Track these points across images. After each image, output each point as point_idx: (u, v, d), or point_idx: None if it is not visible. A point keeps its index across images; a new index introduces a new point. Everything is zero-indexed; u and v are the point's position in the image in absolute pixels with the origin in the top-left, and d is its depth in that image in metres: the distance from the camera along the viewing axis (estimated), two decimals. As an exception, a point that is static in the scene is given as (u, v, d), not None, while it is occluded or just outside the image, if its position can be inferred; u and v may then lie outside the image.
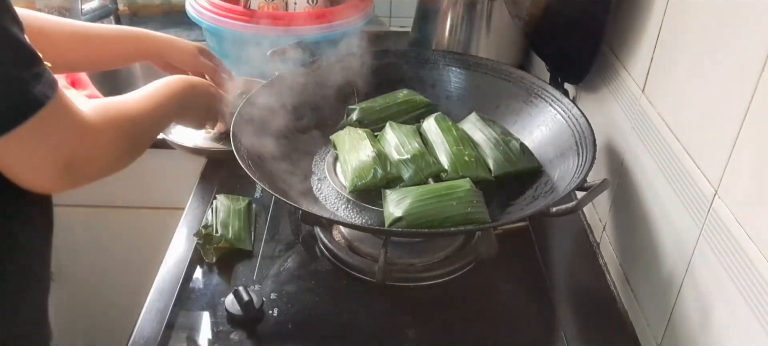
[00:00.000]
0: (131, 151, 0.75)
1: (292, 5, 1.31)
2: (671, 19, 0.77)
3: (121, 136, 0.71)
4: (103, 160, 0.69)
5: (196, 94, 0.92)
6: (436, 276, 0.86)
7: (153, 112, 0.81)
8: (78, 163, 0.65)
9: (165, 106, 0.84)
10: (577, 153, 0.84)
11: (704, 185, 0.67)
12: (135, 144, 0.76)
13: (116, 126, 0.71)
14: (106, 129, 0.68)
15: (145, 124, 0.78)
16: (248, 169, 0.78)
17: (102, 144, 0.68)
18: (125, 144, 0.72)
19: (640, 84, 0.84)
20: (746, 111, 0.59)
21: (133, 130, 0.74)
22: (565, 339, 0.79)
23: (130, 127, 0.74)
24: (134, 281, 1.09)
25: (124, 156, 0.73)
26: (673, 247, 0.74)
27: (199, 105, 0.93)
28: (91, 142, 0.66)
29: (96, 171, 0.69)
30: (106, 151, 0.69)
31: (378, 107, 1.00)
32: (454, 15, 1.32)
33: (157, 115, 0.82)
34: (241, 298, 0.77)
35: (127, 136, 0.73)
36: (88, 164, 0.67)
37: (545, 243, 0.95)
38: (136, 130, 0.75)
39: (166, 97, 0.84)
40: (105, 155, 0.69)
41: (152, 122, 0.81)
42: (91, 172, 0.68)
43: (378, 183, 0.84)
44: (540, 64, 1.15)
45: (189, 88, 0.91)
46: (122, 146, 0.72)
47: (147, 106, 0.80)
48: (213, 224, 0.92)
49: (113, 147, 0.70)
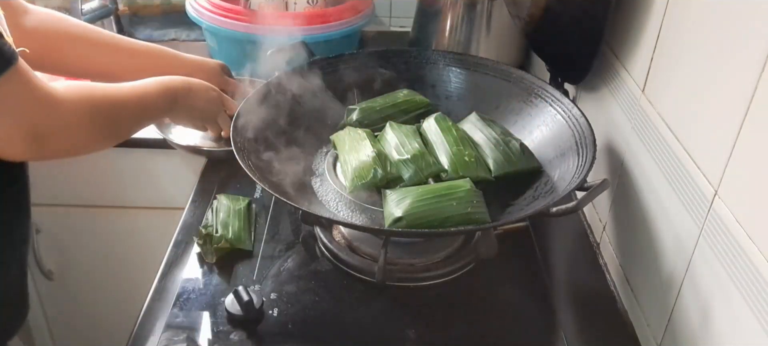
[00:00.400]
0: (107, 132, 0.79)
1: (292, 5, 1.31)
2: (671, 19, 0.77)
3: (94, 114, 0.74)
4: (72, 133, 0.72)
5: (193, 95, 0.93)
6: (436, 276, 0.86)
7: (137, 100, 0.83)
8: (45, 134, 0.69)
9: (153, 98, 0.86)
10: (577, 153, 0.84)
11: (704, 185, 0.67)
12: (112, 126, 0.79)
13: (87, 103, 0.74)
14: (74, 103, 0.72)
15: (126, 110, 0.81)
16: (248, 170, 0.78)
17: (69, 117, 0.71)
18: (99, 123, 0.76)
19: (640, 84, 0.84)
20: (746, 111, 0.59)
21: (109, 111, 0.78)
22: (565, 339, 0.79)
23: (106, 108, 0.77)
24: (134, 281, 1.09)
25: (99, 135, 0.77)
26: (673, 247, 0.74)
27: (195, 106, 0.94)
28: (56, 113, 0.70)
29: (66, 144, 0.73)
30: (74, 125, 0.72)
31: (378, 107, 1.00)
32: (454, 15, 1.32)
33: (141, 105, 0.84)
34: (241, 298, 0.77)
35: (101, 116, 0.76)
36: (56, 136, 0.71)
37: (545, 243, 0.95)
38: (113, 112, 0.79)
39: (157, 91, 0.87)
40: (74, 129, 0.72)
41: (135, 110, 0.83)
42: (61, 144, 0.72)
43: (378, 183, 0.84)
44: (540, 64, 1.15)
45: (185, 88, 0.92)
46: (96, 124, 0.75)
47: (130, 94, 0.82)
48: (213, 224, 0.92)
49: (84, 122, 0.73)
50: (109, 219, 1.31)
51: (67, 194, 1.28)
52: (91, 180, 1.26)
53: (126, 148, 1.20)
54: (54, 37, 0.95)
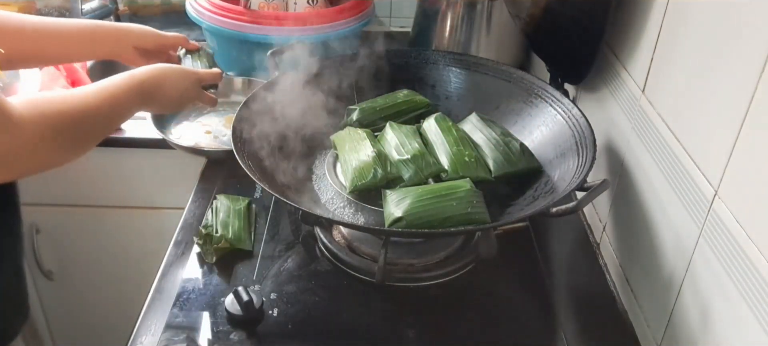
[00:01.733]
0: (76, 143, 0.75)
1: (292, 5, 1.31)
2: (671, 19, 0.77)
3: (58, 129, 0.71)
4: (37, 153, 0.69)
5: (166, 86, 0.90)
6: (436, 276, 0.86)
7: (104, 104, 0.79)
8: (7, 158, 0.65)
9: (119, 97, 0.82)
10: (577, 153, 0.84)
11: (704, 185, 0.67)
12: (79, 137, 0.76)
13: (49, 118, 0.69)
14: (34, 122, 0.67)
15: (92, 118, 0.77)
16: (248, 169, 0.78)
17: (30, 137, 0.67)
18: (65, 136, 0.72)
19: (640, 84, 0.84)
20: (746, 111, 0.59)
21: (74, 123, 0.74)
22: (565, 339, 0.79)
23: (70, 120, 0.73)
24: (134, 281, 1.09)
25: (67, 149, 0.74)
26: (673, 247, 0.74)
27: (168, 96, 0.91)
28: (16, 136, 0.65)
29: (32, 165, 0.70)
30: (34, 146, 0.68)
31: (378, 107, 1.00)
32: (454, 15, 1.32)
33: (109, 108, 0.80)
34: (241, 298, 0.77)
35: (67, 129, 0.72)
36: (20, 158, 0.67)
37: (545, 243, 0.95)
38: (79, 123, 0.75)
39: (125, 91, 0.83)
40: (35, 150, 0.68)
41: (103, 115, 0.79)
42: (26, 166, 0.69)
43: (378, 183, 0.84)
44: (540, 64, 1.15)
45: (155, 81, 0.89)
46: (62, 139, 0.72)
47: (96, 98, 0.78)
48: (213, 224, 0.92)
49: (44, 142, 0.69)
50: (109, 219, 1.31)
51: (67, 194, 1.28)
52: (91, 180, 1.26)
53: (126, 149, 1.20)
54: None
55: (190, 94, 0.95)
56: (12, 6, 1.66)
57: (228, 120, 1.22)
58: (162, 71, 0.90)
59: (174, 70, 0.93)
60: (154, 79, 0.88)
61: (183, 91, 0.93)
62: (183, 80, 0.93)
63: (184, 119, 1.22)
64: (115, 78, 0.83)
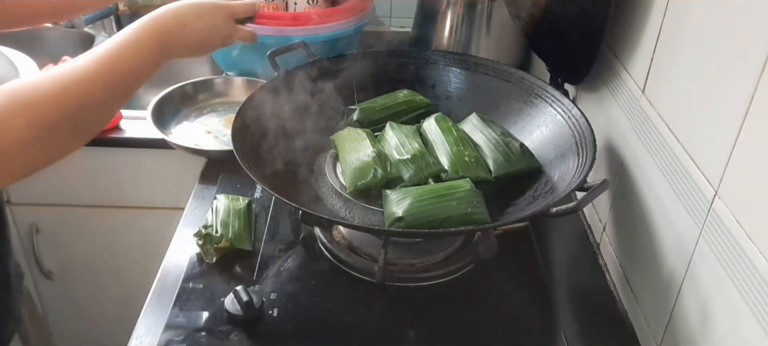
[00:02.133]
0: (77, 131, 0.61)
1: (292, 5, 1.31)
2: (671, 19, 0.77)
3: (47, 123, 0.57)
4: (22, 155, 0.56)
5: (185, 17, 0.75)
6: (436, 276, 0.86)
7: (105, 71, 0.63)
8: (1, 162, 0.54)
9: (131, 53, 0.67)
10: (577, 153, 0.84)
11: (704, 185, 0.67)
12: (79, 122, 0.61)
13: (32, 113, 0.56)
14: (12, 121, 0.55)
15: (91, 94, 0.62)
16: (248, 169, 0.78)
17: (10, 139, 0.55)
18: (59, 129, 0.59)
19: (640, 84, 0.84)
20: (746, 111, 0.59)
21: (67, 109, 0.59)
22: (565, 339, 0.79)
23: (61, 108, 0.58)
24: (134, 281, 1.09)
25: (66, 141, 0.60)
26: (673, 247, 0.74)
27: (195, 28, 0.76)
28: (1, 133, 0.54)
29: (19, 168, 0.57)
30: (19, 146, 0.56)
31: (378, 107, 1.00)
32: (454, 15, 1.32)
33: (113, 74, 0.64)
34: (241, 298, 0.77)
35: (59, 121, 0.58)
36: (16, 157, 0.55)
37: (545, 243, 0.95)
38: (75, 107, 0.60)
39: (133, 42, 0.68)
40: (23, 150, 0.56)
41: (106, 86, 0.63)
42: (10, 171, 0.57)
43: (378, 183, 0.84)
44: (540, 65, 1.15)
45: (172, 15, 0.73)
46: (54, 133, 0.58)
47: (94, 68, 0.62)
48: (213, 224, 0.92)
49: (35, 139, 0.56)
50: (109, 219, 1.31)
51: (67, 194, 1.28)
52: (91, 180, 1.26)
53: (126, 148, 1.20)
54: None
55: (221, 31, 0.80)
56: (11, 5, 1.66)
57: (228, 120, 1.22)
58: (183, 6, 0.76)
59: (198, 4, 0.78)
60: (175, 18, 0.73)
61: (213, 28, 0.78)
62: (211, 15, 0.78)
63: (184, 119, 1.22)
64: (122, 31, 0.68)
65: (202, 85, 1.28)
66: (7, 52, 1.24)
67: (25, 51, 1.28)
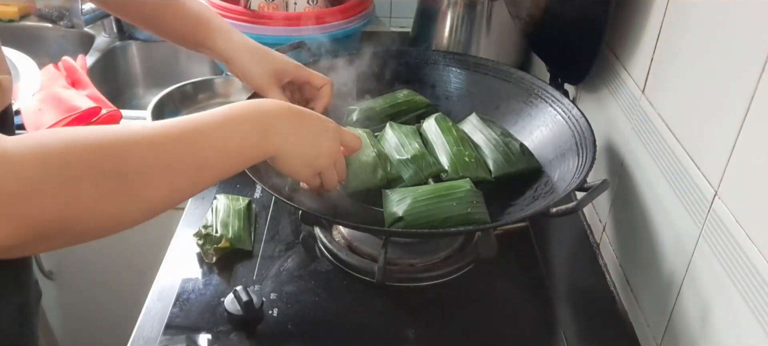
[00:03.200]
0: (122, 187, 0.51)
1: (292, 5, 1.31)
2: (671, 19, 0.77)
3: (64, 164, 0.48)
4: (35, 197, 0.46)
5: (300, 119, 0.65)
6: (436, 276, 0.86)
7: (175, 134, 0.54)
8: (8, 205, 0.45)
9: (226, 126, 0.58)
10: (577, 153, 0.84)
11: (704, 185, 0.67)
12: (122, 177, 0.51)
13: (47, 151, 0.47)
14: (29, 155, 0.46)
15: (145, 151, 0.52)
16: (248, 169, 0.78)
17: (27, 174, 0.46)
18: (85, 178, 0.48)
19: (640, 84, 0.84)
20: (746, 111, 0.59)
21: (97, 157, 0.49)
22: (565, 339, 0.79)
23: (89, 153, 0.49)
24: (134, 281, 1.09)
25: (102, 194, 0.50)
26: (673, 247, 0.74)
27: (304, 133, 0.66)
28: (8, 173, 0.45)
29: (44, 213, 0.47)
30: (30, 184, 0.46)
31: (378, 107, 1.00)
32: (454, 15, 1.32)
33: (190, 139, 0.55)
34: (241, 298, 0.77)
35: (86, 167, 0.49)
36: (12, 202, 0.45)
37: (545, 243, 0.95)
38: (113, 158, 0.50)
39: (231, 117, 0.58)
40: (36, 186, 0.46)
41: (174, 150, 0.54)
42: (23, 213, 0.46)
43: (378, 183, 0.84)
44: (540, 65, 1.15)
45: (285, 110, 0.64)
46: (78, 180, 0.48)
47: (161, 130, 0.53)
48: (213, 224, 0.92)
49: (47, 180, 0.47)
50: (109, 219, 1.31)
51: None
52: (91, 180, 1.25)
53: (126, 149, 1.19)
54: None
55: (327, 144, 0.69)
56: (12, 5, 1.66)
57: (228, 120, 1.22)
58: (300, 109, 0.67)
59: (314, 113, 0.69)
60: (286, 115, 0.64)
61: (322, 139, 0.68)
62: (322, 127, 0.69)
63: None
64: (227, 106, 0.59)
65: (202, 85, 1.28)
66: (7, 52, 1.24)
67: (25, 51, 1.28)
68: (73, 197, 0.48)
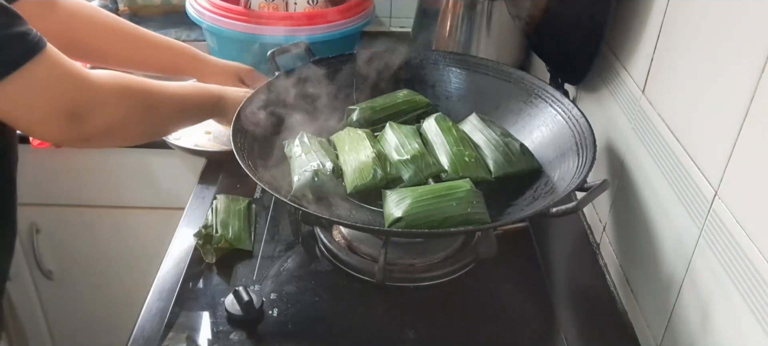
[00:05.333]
0: (145, 117, 0.82)
1: (292, 5, 1.31)
2: (671, 19, 0.77)
3: (130, 94, 0.79)
4: (109, 111, 0.75)
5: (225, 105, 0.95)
6: (436, 276, 0.86)
7: (176, 96, 0.87)
8: (81, 112, 0.72)
9: (193, 98, 0.91)
10: (577, 154, 0.84)
11: (704, 185, 0.67)
12: (150, 112, 0.83)
13: (124, 84, 0.78)
14: (110, 83, 0.76)
15: (164, 100, 0.85)
16: (248, 169, 0.78)
17: (104, 95, 0.75)
18: (136, 105, 0.80)
19: (640, 84, 0.84)
20: (746, 111, 0.59)
21: (146, 97, 0.82)
22: (565, 339, 0.79)
23: (143, 93, 0.81)
24: (134, 281, 1.09)
25: (137, 119, 0.81)
26: (673, 247, 0.74)
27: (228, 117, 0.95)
28: (91, 90, 0.73)
29: (103, 122, 0.75)
30: (111, 103, 0.75)
31: (378, 107, 1.00)
32: (454, 15, 1.32)
33: (180, 101, 0.88)
34: (241, 298, 0.77)
35: (138, 99, 0.80)
36: (93, 113, 0.73)
37: (545, 243, 0.95)
38: (151, 99, 0.83)
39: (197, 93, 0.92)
40: (112, 107, 0.75)
41: (173, 104, 0.87)
42: (98, 122, 0.74)
43: (378, 184, 0.84)
44: (540, 65, 1.15)
45: (233, 96, 0.95)
46: (133, 105, 0.79)
47: (169, 89, 0.86)
48: (213, 224, 0.92)
49: (121, 101, 0.77)
50: (109, 219, 1.31)
51: (67, 194, 1.28)
52: (91, 180, 1.26)
53: (126, 149, 1.20)
54: (80, 25, 1.00)
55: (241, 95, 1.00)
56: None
57: (228, 120, 1.22)
58: (226, 92, 0.97)
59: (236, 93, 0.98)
60: (232, 100, 0.95)
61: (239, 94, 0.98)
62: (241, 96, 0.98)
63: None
64: (184, 83, 0.92)
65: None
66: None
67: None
68: (129, 119, 0.79)
